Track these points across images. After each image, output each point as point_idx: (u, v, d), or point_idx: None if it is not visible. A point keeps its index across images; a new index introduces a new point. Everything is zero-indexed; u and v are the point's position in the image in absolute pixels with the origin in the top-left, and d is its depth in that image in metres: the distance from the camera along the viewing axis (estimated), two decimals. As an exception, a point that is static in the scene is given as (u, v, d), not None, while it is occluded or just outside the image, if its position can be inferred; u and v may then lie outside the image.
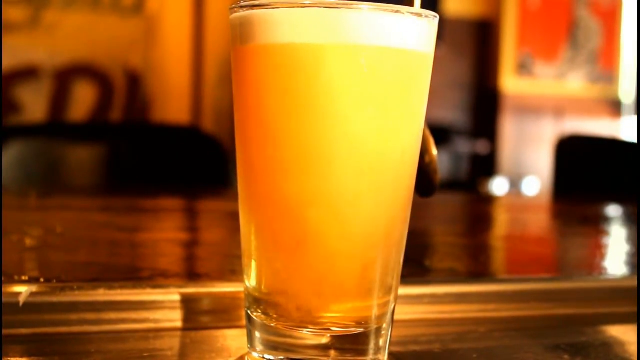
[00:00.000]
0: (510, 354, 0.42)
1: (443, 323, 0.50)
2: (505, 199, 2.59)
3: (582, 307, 0.52)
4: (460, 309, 0.51)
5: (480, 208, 1.69)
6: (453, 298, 0.51)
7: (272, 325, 0.39)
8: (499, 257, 0.72)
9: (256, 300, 0.40)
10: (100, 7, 3.31)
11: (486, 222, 1.34)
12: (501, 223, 1.34)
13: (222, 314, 0.46)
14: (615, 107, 4.39)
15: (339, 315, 0.39)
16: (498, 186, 3.93)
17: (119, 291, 0.48)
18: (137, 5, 3.36)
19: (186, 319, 0.47)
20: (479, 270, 0.69)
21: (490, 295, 0.53)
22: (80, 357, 0.43)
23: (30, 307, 0.46)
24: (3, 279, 0.49)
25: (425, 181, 0.47)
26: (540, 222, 1.35)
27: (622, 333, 0.46)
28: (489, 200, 2.29)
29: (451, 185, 3.62)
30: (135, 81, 3.41)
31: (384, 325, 0.40)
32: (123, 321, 0.47)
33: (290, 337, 0.39)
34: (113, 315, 0.47)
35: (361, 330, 0.39)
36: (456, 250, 0.84)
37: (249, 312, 0.41)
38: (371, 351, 0.40)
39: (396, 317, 0.42)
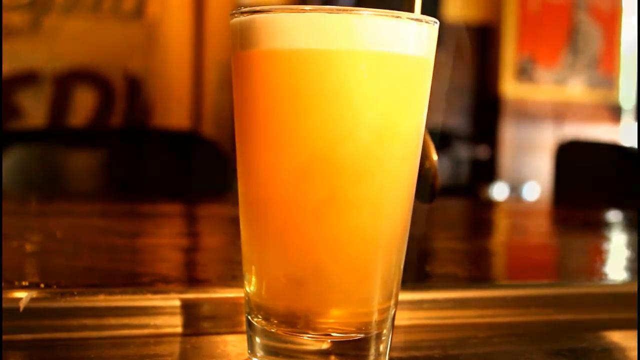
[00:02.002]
0: (509, 359, 0.43)
1: (443, 329, 0.50)
2: (505, 204, 2.59)
3: (583, 313, 0.52)
4: (461, 315, 0.51)
5: (480, 213, 1.69)
6: (453, 303, 0.51)
7: (273, 330, 0.39)
8: (499, 263, 0.72)
9: (256, 306, 0.40)
10: (101, 12, 3.31)
11: (486, 227, 1.34)
12: (501, 228, 1.34)
13: (223, 319, 0.46)
14: (615, 113, 4.39)
15: (339, 321, 0.39)
16: (498, 191, 3.92)
17: (119, 297, 0.48)
18: (138, 11, 3.36)
19: (186, 324, 0.47)
20: (479, 276, 0.69)
21: (490, 301, 0.53)
22: (80, 362, 0.43)
23: (31, 312, 0.46)
24: (3, 284, 0.49)
25: (426, 187, 0.47)
26: (540, 227, 1.34)
27: (623, 339, 0.47)
28: (489, 205, 2.29)
29: (451, 190, 3.61)
30: (135, 86, 3.41)
31: (385, 331, 0.40)
32: (123, 327, 0.47)
33: (291, 342, 0.39)
34: (113, 321, 0.47)
35: (362, 335, 0.39)
36: (456, 255, 0.84)
37: (249, 317, 0.41)
38: (371, 357, 0.40)
39: (396, 322, 0.41)
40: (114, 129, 3.29)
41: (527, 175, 4.22)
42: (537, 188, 4.13)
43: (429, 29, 0.40)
